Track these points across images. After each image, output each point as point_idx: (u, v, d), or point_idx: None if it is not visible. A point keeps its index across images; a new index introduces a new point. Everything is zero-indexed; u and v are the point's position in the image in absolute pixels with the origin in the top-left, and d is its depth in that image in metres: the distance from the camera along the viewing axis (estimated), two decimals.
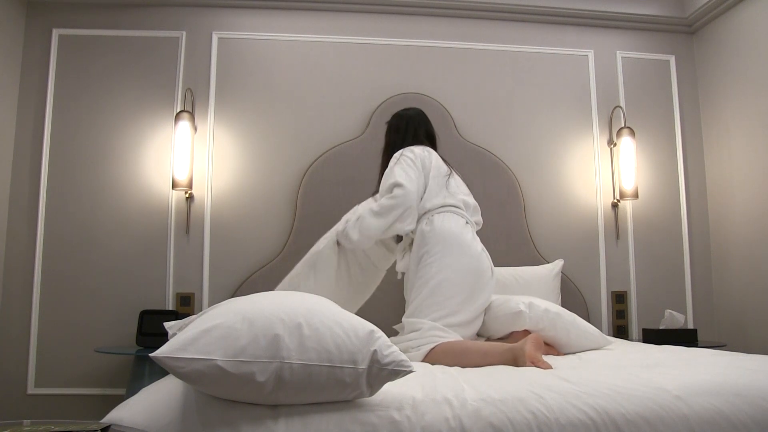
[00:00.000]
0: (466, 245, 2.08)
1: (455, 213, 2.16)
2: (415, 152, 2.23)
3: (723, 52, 3.19)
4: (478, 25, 3.27)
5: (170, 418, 1.07)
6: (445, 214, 2.14)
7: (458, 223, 2.13)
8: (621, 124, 3.20)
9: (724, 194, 3.19)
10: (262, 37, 3.12)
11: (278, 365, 1.05)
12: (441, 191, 2.19)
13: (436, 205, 2.15)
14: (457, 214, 2.15)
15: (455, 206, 2.17)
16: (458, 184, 2.28)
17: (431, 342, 1.88)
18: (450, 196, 2.19)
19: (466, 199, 2.25)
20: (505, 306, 2.08)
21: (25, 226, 2.88)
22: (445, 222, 2.11)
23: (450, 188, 2.22)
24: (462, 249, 2.07)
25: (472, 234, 2.16)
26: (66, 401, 2.78)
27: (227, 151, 3.03)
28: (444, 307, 1.98)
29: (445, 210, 2.15)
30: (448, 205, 2.17)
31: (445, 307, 1.99)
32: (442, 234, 2.07)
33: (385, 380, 1.12)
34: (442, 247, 2.06)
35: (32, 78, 2.98)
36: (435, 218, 2.12)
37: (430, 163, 2.22)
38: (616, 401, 1.14)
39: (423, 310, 2.00)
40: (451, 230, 2.09)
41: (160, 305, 2.87)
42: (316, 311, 1.17)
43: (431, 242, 2.07)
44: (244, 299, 1.25)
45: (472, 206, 2.26)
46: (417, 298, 2.03)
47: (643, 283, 3.18)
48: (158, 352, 1.03)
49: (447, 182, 2.23)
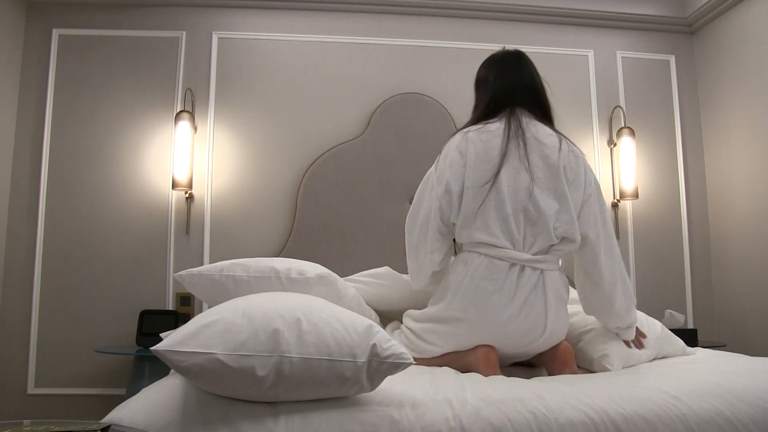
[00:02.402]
0: (485, 309, 1.53)
1: (484, 253, 1.56)
2: (460, 144, 1.64)
3: (723, 52, 3.19)
4: (478, 25, 3.27)
5: (170, 418, 1.07)
6: (470, 253, 1.59)
7: (481, 269, 1.54)
8: (621, 124, 3.20)
9: (724, 194, 3.19)
10: (262, 37, 3.12)
11: (278, 359, 1.05)
12: (472, 214, 1.58)
13: (466, 242, 1.60)
14: (486, 256, 1.55)
15: (488, 244, 1.55)
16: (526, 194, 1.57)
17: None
18: (484, 225, 1.55)
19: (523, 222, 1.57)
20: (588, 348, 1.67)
21: (25, 226, 2.88)
22: (462, 266, 1.58)
23: (493, 204, 1.56)
24: (476, 306, 1.54)
25: (503, 282, 1.53)
26: (66, 401, 2.78)
27: (227, 151, 3.03)
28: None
29: (472, 248, 1.59)
30: (480, 241, 1.56)
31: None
32: (453, 282, 1.58)
33: (386, 374, 1.12)
34: (452, 296, 1.57)
35: (32, 78, 2.98)
36: (459, 259, 1.62)
37: (473, 162, 1.59)
38: (615, 402, 1.14)
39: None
40: (465, 282, 1.55)
41: (160, 305, 2.87)
42: (314, 308, 1.18)
43: (443, 289, 1.63)
44: (243, 298, 1.26)
45: (547, 235, 1.56)
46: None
47: (643, 283, 3.18)
48: (159, 345, 1.04)
49: (487, 195, 1.56)
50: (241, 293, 1.51)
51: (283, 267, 1.66)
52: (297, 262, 1.74)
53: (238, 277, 1.64)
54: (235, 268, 1.66)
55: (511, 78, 1.79)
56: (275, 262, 1.69)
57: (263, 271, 1.64)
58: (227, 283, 1.64)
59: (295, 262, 1.74)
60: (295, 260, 1.77)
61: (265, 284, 1.61)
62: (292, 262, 1.73)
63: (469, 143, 1.64)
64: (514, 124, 1.65)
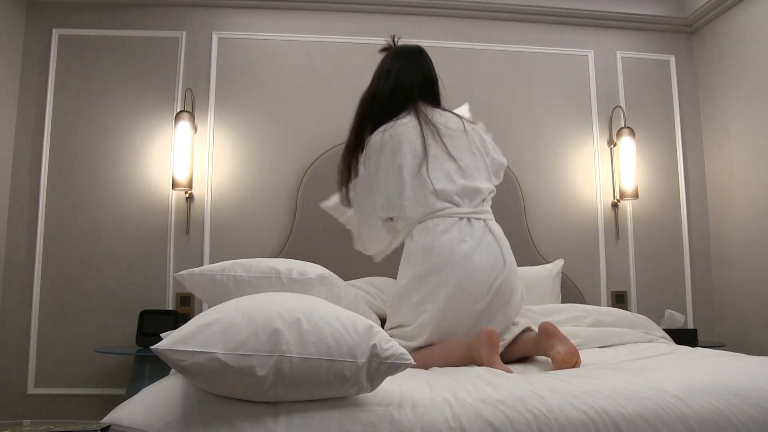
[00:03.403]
0: (447, 253, 1.77)
1: (439, 216, 1.83)
2: (384, 138, 1.92)
3: (723, 52, 3.19)
4: (478, 25, 3.27)
5: (170, 418, 1.07)
6: (425, 223, 1.84)
7: (437, 229, 1.81)
8: (621, 124, 3.20)
9: (724, 194, 3.19)
10: (262, 37, 3.12)
11: (278, 359, 1.05)
12: (419, 191, 1.86)
13: (418, 217, 1.86)
14: (440, 217, 1.83)
15: (440, 209, 1.84)
16: (452, 168, 1.88)
17: None
18: (433, 194, 1.84)
19: (463, 188, 1.87)
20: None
21: (25, 226, 2.88)
22: (422, 234, 1.83)
23: (438, 180, 1.85)
24: (443, 257, 1.77)
25: (461, 231, 1.81)
26: (66, 401, 2.78)
27: (227, 151, 3.03)
28: (402, 316, 1.82)
29: (425, 219, 1.85)
30: (431, 213, 1.84)
31: (403, 316, 1.81)
32: (420, 248, 1.81)
33: (386, 374, 1.12)
34: (421, 260, 1.80)
35: (32, 78, 2.98)
36: (415, 232, 1.86)
37: (397, 151, 1.88)
38: (615, 401, 1.14)
39: (389, 315, 1.90)
40: (431, 243, 1.79)
41: (160, 305, 2.87)
42: (314, 308, 1.18)
43: (409, 259, 1.85)
44: (243, 298, 1.26)
45: (473, 189, 1.88)
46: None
47: (643, 283, 3.18)
48: (159, 344, 1.04)
49: (432, 175, 1.85)
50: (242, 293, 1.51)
51: (284, 267, 1.67)
52: (298, 262, 1.74)
53: (238, 277, 1.64)
54: (235, 269, 1.66)
55: (413, 72, 2.04)
56: (276, 263, 1.70)
57: (264, 272, 1.64)
58: (228, 283, 1.65)
59: (296, 262, 1.74)
60: (295, 261, 1.77)
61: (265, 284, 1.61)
62: (293, 262, 1.73)
63: (391, 141, 1.93)
64: (422, 117, 1.95)
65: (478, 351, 1.59)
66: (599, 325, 2.28)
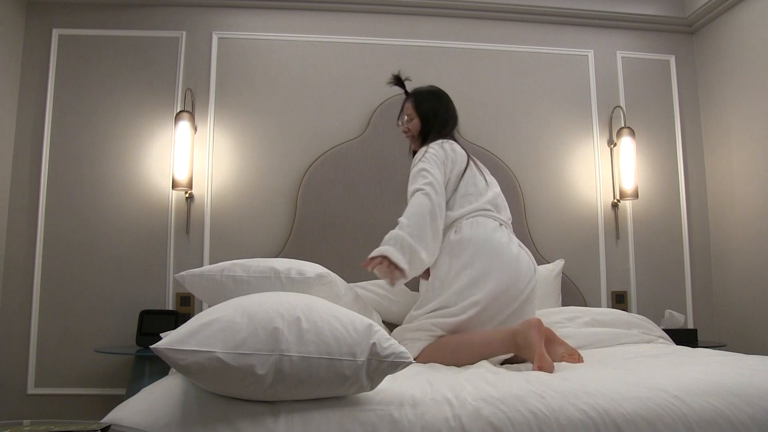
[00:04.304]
0: (500, 249, 1.91)
1: (485, 216, 2.00)
2: (444, 148, 2.10)
3: (723, 52, 3.19)
4: (478, 25, 3.27)
5: (170, 418, 1.07)
6: (474, 218, 1.99)
7: (489, 226, 1.96)
8: (621, 124, 3.20)
9: (724, 194, 3.19)
10: (262, 37, 3.12)
11: (278, 358, 1.06)
12: (468, 195, 2.04)
13: (464, 213, 2.00)
14: (487, 217, 2.00)
15: (485, 209, 2.02)
16: (484, 182, 2.12)
17: (421, 340, 1.83)
18: (478, 197, 2.04)
19: (494, 198, 2.08)
20: None
21: (25, 226, 2.88)
22: (474, 228, 1.95)
23: (478, 187, 2.07)
24: (497, 253, 1.90)
25: (508, 236, 2.00)
26: (66, 401, 2.78)
27: (227, 151, 3.03)
28: (446, 298, 1.87)
29: (474, 215, 2.00)
30: (477, 210, 2.01)
31: (449, 297, 1.87)
32: (473, 240, 1.92)
33: (385, 373, 1.12)
34: (474, 251, 1.91)
35: (32, 78, 2.98)
36: (464, 225, 1.97)
37: (455, 161, 2.09)
38: (615, 401, 1.14)
39: (424, 302, 1.95)
40: (484, 236, 1.93)
41: (160, 305, 2.87)
42: (314, 307, 1.18)
43: (457, 249, 1.93)
44: (243, 297, 1.26)
45: (502, 204, 2.11)
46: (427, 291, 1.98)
47: (643, 283, 3.18)
48: (159, 344, 1.04)
49: (474, 181, 2.08)
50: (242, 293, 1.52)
51: (283, 267, 1.68)
52: (296, 262, 1.75)
53: (238, 277, 1.65)
54: (235, 269, 1.67)
55: (451, 111, 2.31)
56: (275, 263, 1.70)
57: (263, 271, 1.65)
58: (228, 283, 1.65)
59: (295, 262, 1.75)
60: (294, 260, 1.78)
61: (265, 284, 1.62)
62: (292, 262, 1.74)
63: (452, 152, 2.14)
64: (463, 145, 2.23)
65: (526, 336, 1.62)
66: (596, 325, 2.29)
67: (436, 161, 2.03)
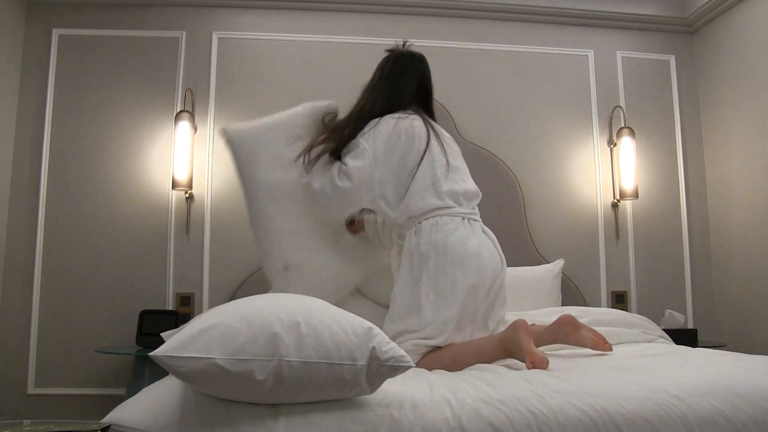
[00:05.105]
0: (461, 255, 1.77)
1: (447, 215, 1.83)
2: (398, 125, 1.91)
3: (723, 52, 3.19)
4: (478, 25, 3.27)
5: (170, 418, 1.07)
6: (434, 219, 1.82)
7: (449, 228, 1.80)
8: (621, 124, 3.20)
9: (724, 194, 3.19)
10: (262, 37, 3.12)
11: (277, 363, 1.05)
12: (430, 187, 1.85)
13: (423, 210, 1.83)
14: (448, 216, 1.82)
15: (448, 207, 1.84)
16: (452, 168, 1.91)
17: (411, 352, 1.71)
18: (440, 193, 1.84)
19: (463, 183, 1.91)
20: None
21: (25, 226, 2.88)
22: (434, 233, 1.79)
23: (442, 177, 1.87)
24: (460, 261, 1.76)
25: (470, 230, 1.83)
26: (66, 401, 2.78)
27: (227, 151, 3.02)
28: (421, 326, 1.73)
29: (433, 215, 1.82)
30: (436, 208, 1.83)
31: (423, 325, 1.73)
32: (432, 250, 1.77)
33: (385, 376, 1.12)
34: (435, 263, 1.76)
35: (32, 78, 2.98)
36: (423, 228, 1.81)
37: (413, 143, 1.89)
38: (615, 401, 1.14)
39: (394, 317, 1.82)
40: (444, 243, 1.77)
41: (160, 305, 2.87)
42: (313, 311, 1.17)
43: (418, 261, 1.78)
44: (242, 301, 1.26)
45: (471, 191, 1.93)
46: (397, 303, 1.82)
47: (643, 283, 3.18)
48: (157, 351, 1.03)
49: (442, 171, 1.88)
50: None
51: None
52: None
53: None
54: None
55: (415, 78, 2.16)
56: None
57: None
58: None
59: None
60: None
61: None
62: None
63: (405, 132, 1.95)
64: (427, 120, 2.01)
65: (515, 341, 1.59)
66: (597, 325, 2.27)
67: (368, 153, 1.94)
